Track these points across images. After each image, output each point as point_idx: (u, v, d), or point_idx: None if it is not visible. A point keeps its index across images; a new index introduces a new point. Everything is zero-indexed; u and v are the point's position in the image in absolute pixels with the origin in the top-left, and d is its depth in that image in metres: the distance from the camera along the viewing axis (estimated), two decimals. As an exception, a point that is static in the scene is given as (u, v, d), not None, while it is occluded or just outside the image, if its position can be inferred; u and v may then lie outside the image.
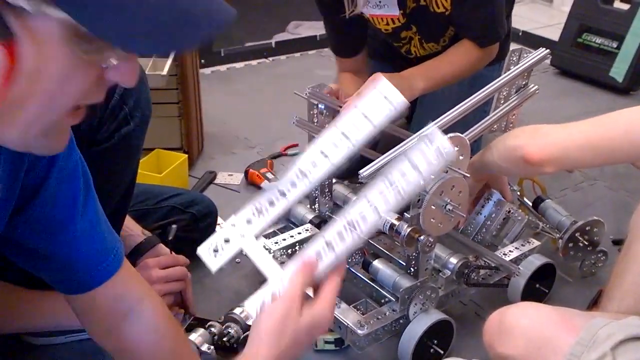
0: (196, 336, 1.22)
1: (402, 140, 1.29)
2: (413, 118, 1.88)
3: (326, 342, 1.30)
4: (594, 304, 1.39)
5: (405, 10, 1.64)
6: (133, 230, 1.34)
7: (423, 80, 1.55)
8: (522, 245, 1.47)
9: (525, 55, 1.51)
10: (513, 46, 1.70)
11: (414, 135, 1.28)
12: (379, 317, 1.24)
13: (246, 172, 1.93)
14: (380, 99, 0.63)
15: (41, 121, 0.66)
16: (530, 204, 1.59)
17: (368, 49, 1.80)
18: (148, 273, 1.25)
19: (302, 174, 0.62)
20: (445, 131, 1.16)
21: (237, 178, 1.95)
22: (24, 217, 0.85)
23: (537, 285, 1.41)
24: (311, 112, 1.43)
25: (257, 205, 0.62)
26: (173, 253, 1.35)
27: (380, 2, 1.63)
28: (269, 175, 1.88)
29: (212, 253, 0.67)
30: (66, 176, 0.87)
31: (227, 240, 0.63)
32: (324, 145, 0.62)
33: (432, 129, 0.69)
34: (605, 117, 1.11)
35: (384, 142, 1.83)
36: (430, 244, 1.19)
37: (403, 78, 1.53)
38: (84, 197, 0.90)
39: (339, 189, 1.52)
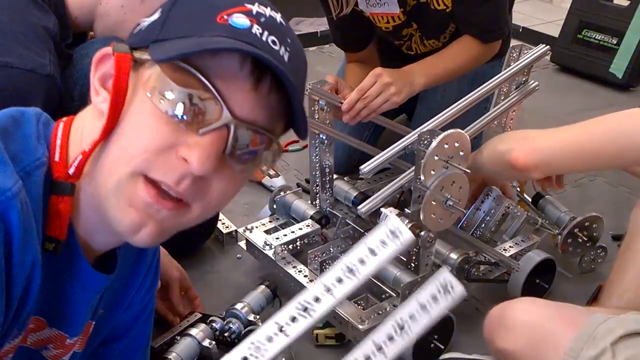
0: (198, 331, 1.22)
1: (403, 136, 1.30)
2: (414, 114, 1.88)
3: (327, 338, 1.31)
4: (593, 300, 1.39)
5: (406, 7, 1.64)
6: None
7: (424, 76, 1.55)
8: (522, 241, 1.48)
9: (526, 52, 1.51)
10: (513, 42, 1.70)
11: (414, 132, 1.29)
12: (380, 312, 1.24)
13: (247, 169, 1.93)
14: (388, 235, 0.62)
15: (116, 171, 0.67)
16: (530, 200, 1.59)
17: None
18: None
19: (303, 308, 0.61)
20: (446, 127, 1.17)
21: (238, 174, 1.95)
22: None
23: (537, 281, 1.42)
24: (312, 109, 1.43)
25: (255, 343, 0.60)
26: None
27: (380, 0, 1.63)
28: (270, 171, 1.89)
29: None
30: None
31: None
32: (328, 280, 0.62)
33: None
34: (590, 122, 1.10)
35: (385, 137, 1.84)
36: (430, 240, 1.19)
37: (403, 74, 1.53)
38: None
39: (340, 184, 1.53)
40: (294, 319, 0.61)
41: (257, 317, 1.28)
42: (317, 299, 0.61)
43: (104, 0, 1.20)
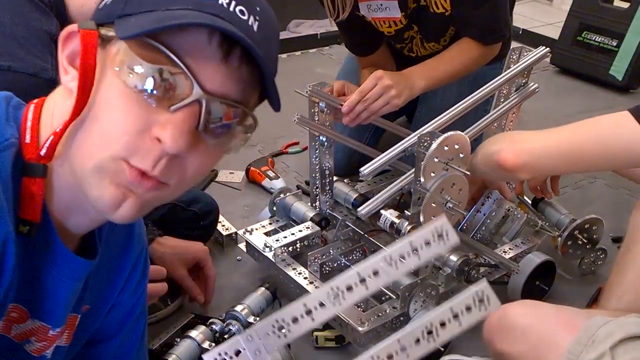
0: (197, 333, 1.22)
1: (403, 138, 1.30)
2: (414, 116, 1.88)
3: (327, 339, 1.31)
4: (593, 302, 1.39)
5: (407, 11, 1.64)
6: None
7: (424, 79, 1.55)
8: (522, 243, 1.48)
9: (525, 54, 1.51)
10: (513, 44, 1.70)
11: (414, 134, 1.29)
12: (380, 314, 1.24)
13: (247, 170, 1.93)
14: (434, 235, 0.62)
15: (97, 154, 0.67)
16: (530, 202, 1.59)
17: None
18: None
19: (334, 293, 0.61)
20: (446, 130, 1.17)
21: (239, 176, 1.95)
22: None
23: (537, 283, 1.42)
24: (312, 110, 1.43)
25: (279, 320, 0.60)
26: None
27: (381, 5, 1.63)
28: (270, 173, 1.89)
29: None
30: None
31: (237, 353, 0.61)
32: (364, 271, 0.61)
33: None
34: (577, 124, 1.11)
35: (384, 139, 1.84)
36: (430, 242, 1.19)
37: (404, 76, 1.53)
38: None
39: (340, 186, 1.53)
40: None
41: (257, 319, 1.27)
42: (349, 288, 0.61)
43: None
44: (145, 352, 0.99)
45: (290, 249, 1.42)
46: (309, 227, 1.46)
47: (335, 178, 1.53)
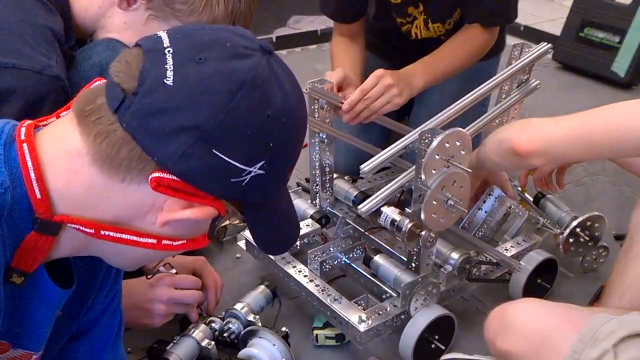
0: (197, 332, 1.22)
1: (403, 135, 1.29)
2: (411, 113, 1.87)
3: (327, 338, 1.30)
4: (595, 300, 1.39)
5: None
6: None
7: (423, 77, 1.54)
8: (524, 240, 1.47)
9: (527, 50, 1.50)
10: (515, 41, 1.69)
11: (415, 131, 1.28)
12: (380, 312, 1.24)
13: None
14: None
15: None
16: (531, 200, 1.58)
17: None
18: (160, 290, 1.21)
19: None
20: (446, 127, 1.16)
21: (238, 173, 1.94)
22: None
23: (539, 281, 1.41)
24: (312, 107, 1.42)
25: None
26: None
27: None
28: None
29: None
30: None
31: None
32: None
33: None
34: (596, 110, 1.09)
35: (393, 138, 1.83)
36: (431, 239, 1.18)
37: (403, 75, 1.51)
38: None
39: (340, 184, 1.52)
40: None
41: (257, 317, 1.27)
42: None
43: (107, 13, 1.19)
44: (121, 346, 0.98)
45: (290, 246, 1.41)
46: (309, 225, 1.45)
47: (335, 175, 1.52)
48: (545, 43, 1.51)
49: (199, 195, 0.67)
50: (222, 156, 0.65)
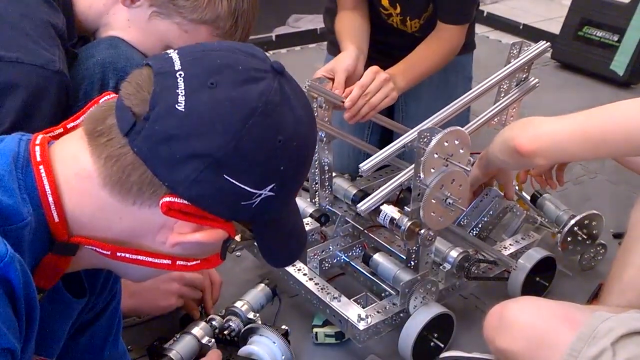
0: (197, 329, 1.22)
1: (401, 135, 1.30)
2: (404, 112, 1.87)
3: (326, 336, 1.30)
4: (594, 298, 1.39)
5: None
6: None
7: (404, 79, 1.56)
8: (522, 239, 1.47)
9: (526, 49, 1.50)
10: (513, 39, 1.70)
11: (414, 130, 1.28)
12: (379, 310, 1.24)
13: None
14: None
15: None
16: (529, 198, 1.58)
17: None
18: (173, 272, 1.23)
19: None
20: (444, 125, 1.16)
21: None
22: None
23: (538, 279, 1.41)
24: (311, 106, 1.43)
25: None
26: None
27: None
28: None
29: None
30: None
31: None
32: None
33: None
34: (599, 109, 1.08)
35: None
36: (430, 238, 1.19)
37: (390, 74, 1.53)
38: None
39: (339, 182, 1.52)
40: None
41: (257, 315, 1.27)
42: None
43: (111, 11, 1.19)
44: (120, 339, 0.99)
45: (289, 245, 1.41)
46: (308, 223, 1.45)
47: (334, 174, 1.52)
48: (544, 42, 1.51)
49: (209, 218, 0.68)
50: (233, 181, 0.65)
